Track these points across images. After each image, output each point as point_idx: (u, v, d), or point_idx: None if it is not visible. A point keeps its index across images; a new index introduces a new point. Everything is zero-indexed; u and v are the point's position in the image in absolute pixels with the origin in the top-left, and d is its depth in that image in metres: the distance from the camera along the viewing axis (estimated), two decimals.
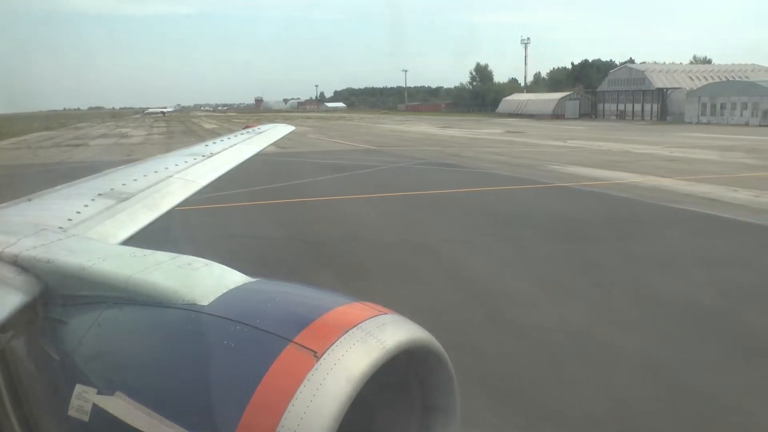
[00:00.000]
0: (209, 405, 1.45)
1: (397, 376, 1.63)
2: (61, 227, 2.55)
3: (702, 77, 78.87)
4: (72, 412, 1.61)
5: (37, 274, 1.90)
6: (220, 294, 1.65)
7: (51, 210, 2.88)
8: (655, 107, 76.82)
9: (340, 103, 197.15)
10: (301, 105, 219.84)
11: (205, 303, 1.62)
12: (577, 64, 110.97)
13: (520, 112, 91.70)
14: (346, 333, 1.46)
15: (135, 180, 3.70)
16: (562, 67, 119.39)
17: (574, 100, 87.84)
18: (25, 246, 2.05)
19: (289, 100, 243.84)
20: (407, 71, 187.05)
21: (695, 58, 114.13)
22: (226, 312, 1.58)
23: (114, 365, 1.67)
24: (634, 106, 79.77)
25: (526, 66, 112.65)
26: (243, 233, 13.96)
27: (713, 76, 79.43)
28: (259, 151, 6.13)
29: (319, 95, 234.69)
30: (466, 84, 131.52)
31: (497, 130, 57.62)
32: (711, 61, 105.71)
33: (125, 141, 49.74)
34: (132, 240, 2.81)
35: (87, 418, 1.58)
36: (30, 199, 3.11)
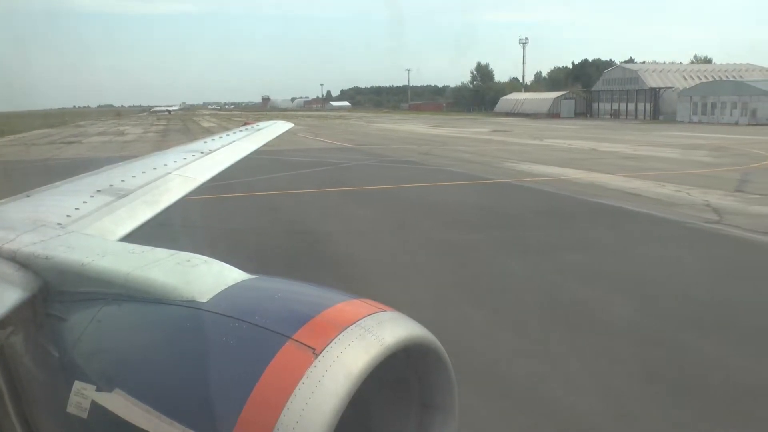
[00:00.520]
0: (208, 402, 1.46)
1: (396, 373, 1.63)
2: (60, 223, 2.56)
3: (696, 77, 79.26)
4: (71, 408, 1.61)
5: (36, 270, 1.91)
6: (219, 291, 1.66)
7: (50, 206, 2.89)
8: (648, 106, 77.36)
9: (345, 102, 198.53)
10: (308, 104, 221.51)
11: (204, 300, 1.63)
12: (577, 63, 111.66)
13: (516, 111, 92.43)
14: (344, 330, 1.47)
15: (134, 177, 3.70)
16: (563, 67, 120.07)
17: (569, 99, 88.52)
18: (24, 242, 2.05)
19: (296, 99, 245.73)
20: (410, 70, 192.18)
21: (696, 57, 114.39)
22: (224, 309, 1.59)
23: (113, 362, 1.67)
24: (627, 105, 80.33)
25: (524, 66, 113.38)
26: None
27: (707, 75, 79.80)
28: (258, 148, 6.16)
29: (326, 94, 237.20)
30: (467, 83, 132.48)
31: (485, 129, 58.53)
32: (711, 61, 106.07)
33: (119, 139, 51.23)
34: (131, 236, 2.82)
35: (86, 415, 1.59)
36: (29, 195, 3.12)
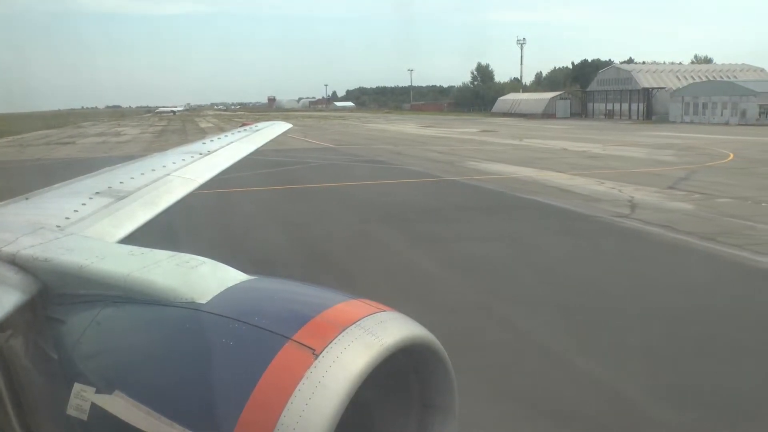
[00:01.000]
0: (208, 403, 1.46)
1: (396, 373, 1.63)
2: (59, 226, 2.56)
3: (690, 77, 79.57)
4: (71, 411, 1.61)
5: (35, 272, 1.90)
6: (218, 292, 1.66)
7: (48, 208, 2.89)
8: (642, 107, 77.85)
9: (349, 103, 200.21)
10: (313, 104, 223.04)
11: (204, 301, 1.63)
12: (577, 64, 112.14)
13: (513, 111, 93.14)
14: (344, 330, 1.47)
15: (132, 178, 3.70)
16: (563, 67, 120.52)
17: (564, 99, 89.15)
18: (23, 245, 2.05)
19: (302, 99, 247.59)
20: (412, 71, 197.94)
21: (696, 57, 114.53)
22: (224, 310, 1.59)
23: (112, 364, 1.67)
24: (621, 105, 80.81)
25: (521, 66, 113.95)
26: None
27: (700, 75, 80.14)
28: (256, 149, 6.18)
29: (331, 94, 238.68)
30: (468, 83, 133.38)
31: (474, 129, 59.41)
32: (712, 61, 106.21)
33: (113, 139, 52.61)
34: (130, 238, 2.82)
35: (86, 417, 1.59)
36: (27, 198, 3.12)
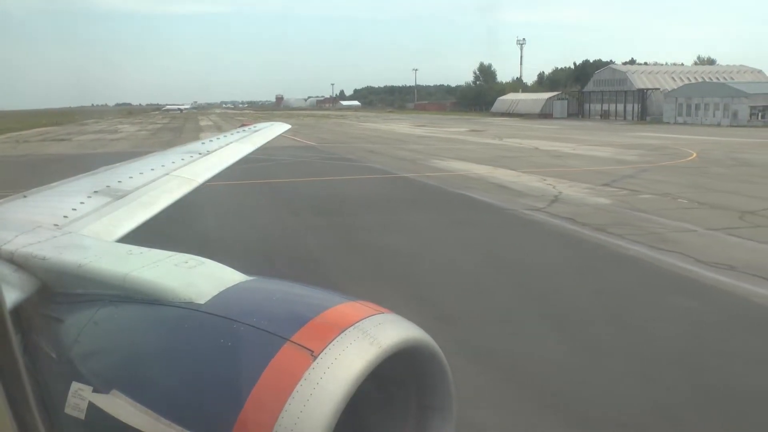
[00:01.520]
0: (206, 404, 1.47)
1: (394, 375, 1.65)
2: (57, 224, 2.54)
3: (686, 78, 79.88)
4: (68, 410, 1.62)
5: (34, 271, 1.91)
6: (217, 292, 1.67)
7: (47, 207, 2.88)
8: (637, 107, 78.28)
9: (355, 102, 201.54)
10: (320, 103, 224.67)
11: (202, 301, 1.64)
12: (579, 64, 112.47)
13: (511, 111, 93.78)
14: (343, 332, 1.48)
15: (131, 177, 3.70)
16: (566, 67, 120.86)
17: (562, 100, 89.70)
18: (21, 243, 2.05)
19: (309, 98, 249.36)
20: (417, 70, 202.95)
21: (699, 58, 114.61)
22: (223, 310, 1.60)
23: (110, 363, 1.68)
24: (617, 106, 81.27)
25: (521, 66, 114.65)
26: None
27: (696, 77, 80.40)
28: (255, 150, 6.21)
29: (339, 93, 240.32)
30: (470, 83, 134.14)
31: (463, 128, 60.27)
32: (715, 62, 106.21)
33: (109, 137, 54.02)
34: (128, 237, 2.81)
35: (83, 416, 1.60)
36: (25, 196, 3.11)
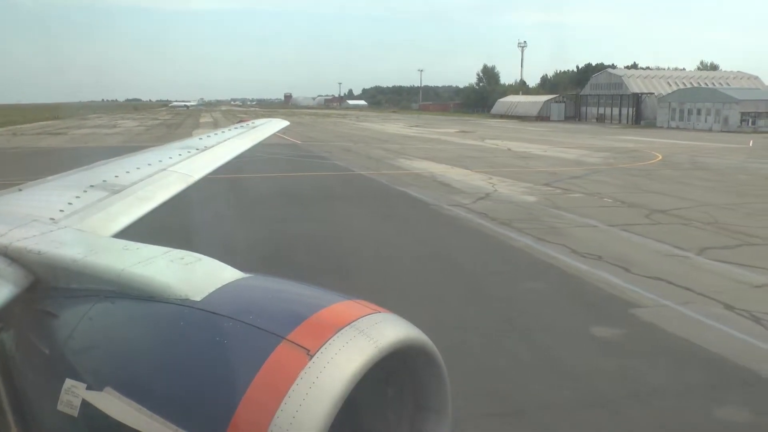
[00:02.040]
0: (201, 402, 1.46)
1: (390, 375, 1.65)
2: (53, 218, 2.53)
3: (681, 83, 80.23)
4: (61, 407, 1.61)
5: (28, 265, 1.89)
6: (213, 289, 1.66)
7: (42, 201, 2.87)
8: (631, 111, 78.72)
9: (361, 101, 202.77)
10: (328, 102, 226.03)
11: (198, 298, 1.63)
12: (581, 67, 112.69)
13: (510, 113, 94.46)
14: (339, 331, 1.47)
15: (128, 172, 3.70)
16: (568, 70, 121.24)
17: (559, 102, 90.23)
18: (16, 237, 2.03)
19: (317, 97, 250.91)
20: (422, 71, 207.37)
21: (702, 63, 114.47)
22: (218, 308, 1.59)
23: (104, 360, 1.66)
24: (612, 110, 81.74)
25: (522, 68, 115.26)
26: None
27: (692, 82, 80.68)
28: (252, 146, 6.24)
29: (348, 93, 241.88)
30: (474, 84, 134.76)
31: (452, 129, 61.07)
32: (718, 68, 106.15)
33: (105, 131, 55.52)
34: (124, 233, 2.81)
35: (76, 413, 1.58)
36: (20, 189, 3.10)
